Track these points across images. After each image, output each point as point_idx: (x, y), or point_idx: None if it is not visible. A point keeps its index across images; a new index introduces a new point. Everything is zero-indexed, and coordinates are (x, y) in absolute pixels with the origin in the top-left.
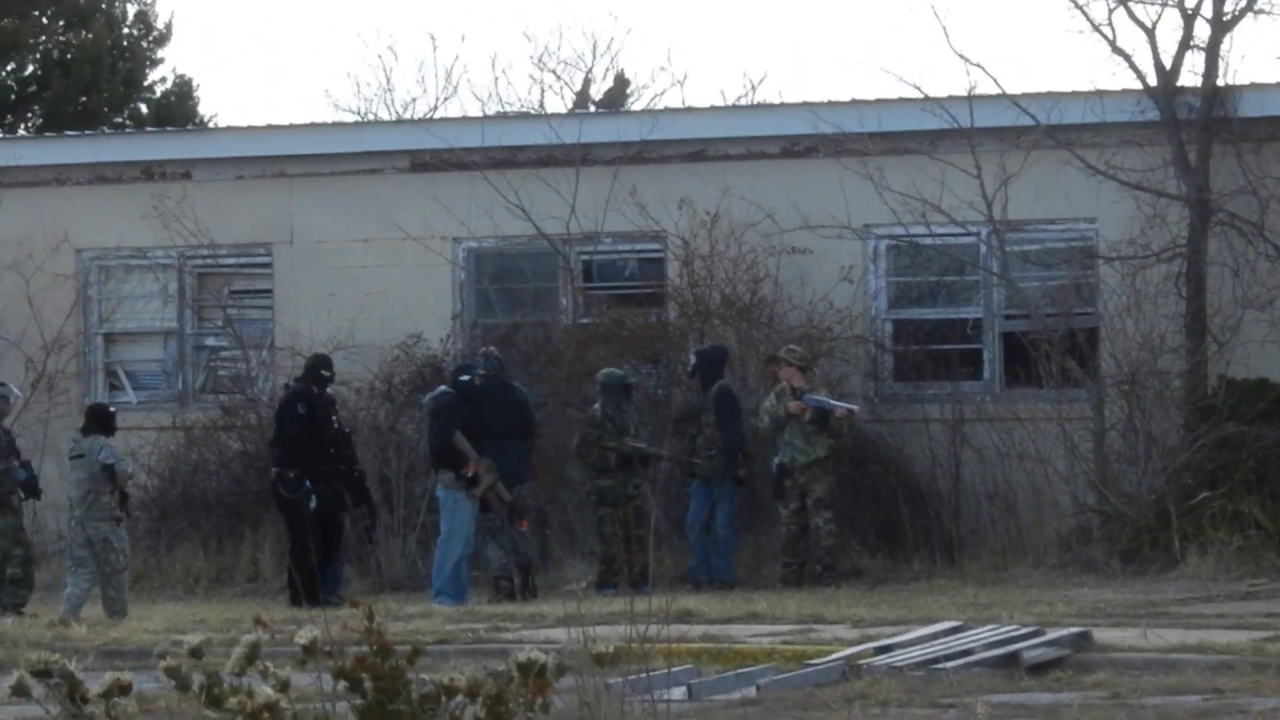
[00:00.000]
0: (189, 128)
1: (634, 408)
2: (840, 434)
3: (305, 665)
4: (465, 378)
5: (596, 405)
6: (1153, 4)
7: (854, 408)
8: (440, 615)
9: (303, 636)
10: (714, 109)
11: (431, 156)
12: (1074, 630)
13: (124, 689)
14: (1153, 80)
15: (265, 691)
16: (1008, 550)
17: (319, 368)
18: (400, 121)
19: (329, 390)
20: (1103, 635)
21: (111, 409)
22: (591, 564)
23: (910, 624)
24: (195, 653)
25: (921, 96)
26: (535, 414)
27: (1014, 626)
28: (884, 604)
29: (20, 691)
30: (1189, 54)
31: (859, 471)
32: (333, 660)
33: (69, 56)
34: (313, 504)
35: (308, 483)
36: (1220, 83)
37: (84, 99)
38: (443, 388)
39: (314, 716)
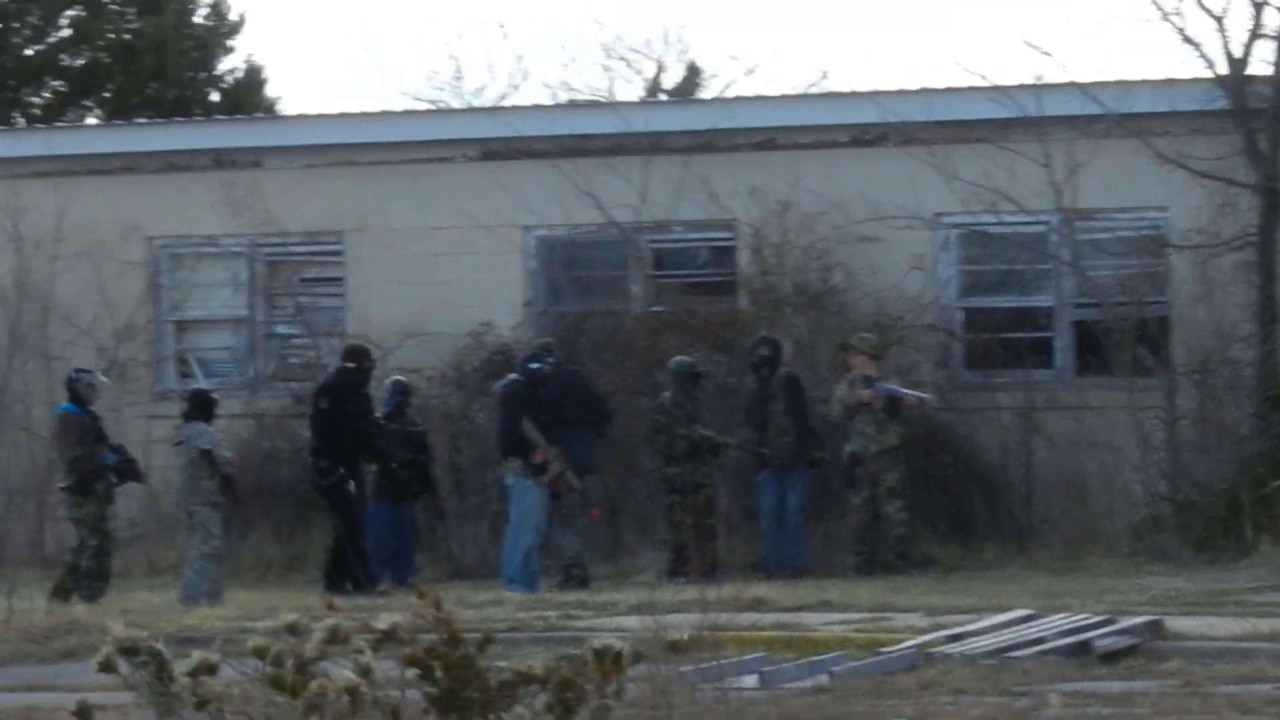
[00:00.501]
0: (259, 115)
1: (704, 396)
2: (911, 423)
3: (380, 651)
4: (535, 365)
5: (667, 393)
6: None
7: (926, 396)
8: (512, 603)
9: (382, 622)
10: (784, 98)
11: (502, 145)
12: (1146, 619)
13: (211, 668)
14: (1223, 69)
15: (346, 675)
16: (1080, 539)
17: (342, 359)
18: (470, 110)
19: (401, 378)
20: (1175, 624)
21: (213, 394)
22: (663, 552)
23: (982, 612)
24: (293, 629)
25: (990, 85)
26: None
27: (1086, 615)
28: (956, 592)
29: (107, 667)
30: (1259, 42)
31: (930, 460)
32: (404, 647)
33: (136, 45)
34: (351, 489)
35: (342, 470)
36: None
37: (152, 86)
38: (512, 375)
39: (391, 704)
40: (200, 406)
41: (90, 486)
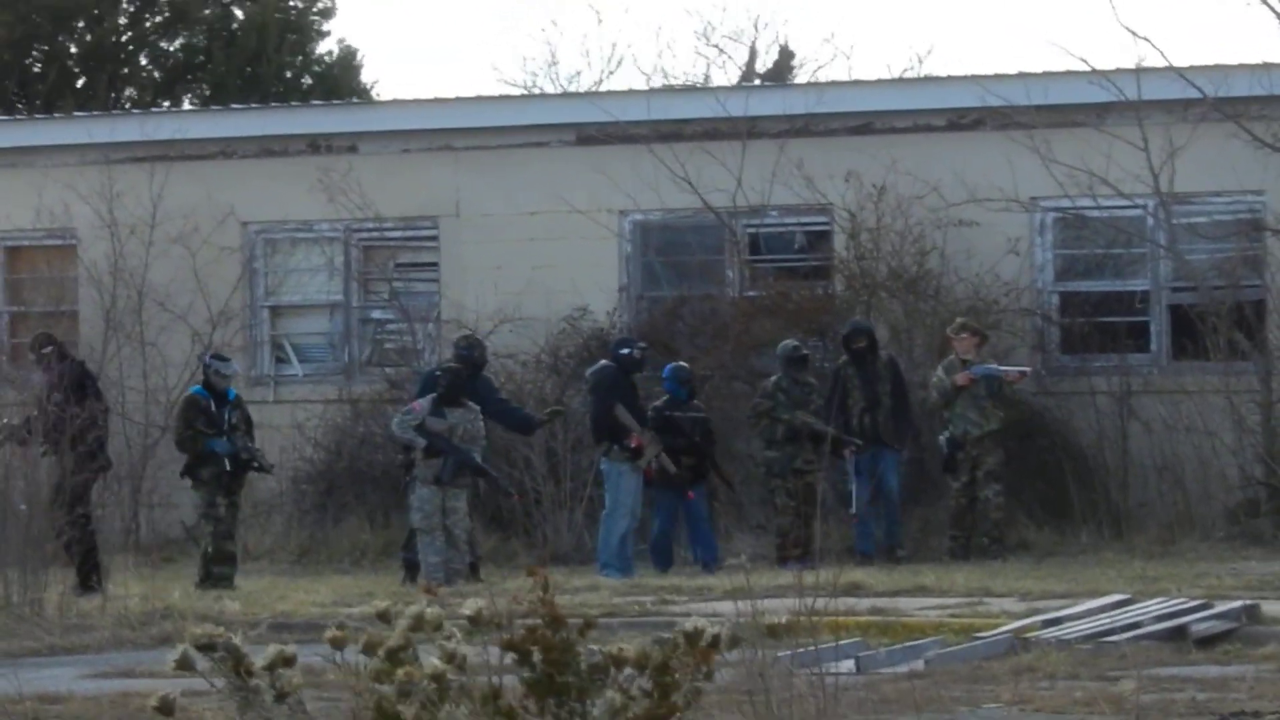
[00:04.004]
0: (354, 101)
1: (813, 381)
2: (1014, 404)
3: (472, 637)
4: (625, 350)
5: (774, 377)
6: None
7: (1026, 369)
8: (607, 588)
9: (468, 608)
10: (880, 82)
11: (597, 130)
12: (1242, 603)
13: (288, 661)
14: None
15: (432, 663)
16: (1175, 523)
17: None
18: (566, 95)
19: (684, 364)
20: (1271, 608)
21: (458, 369)
22: (758, 537)
23: (1078, 597)
24: (384, 616)
25: (1088, 69)
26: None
27: (1182, 599)
28: (1051, 577)
29: (184, 665)
30: None
31: (1026, 444)
32: (501, 632)
33: (234, 28)
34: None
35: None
36: None
37: (249, 70)
38: (603, 361)
39: (482, 691)
40: (444, 383)
41: (194, 471)
